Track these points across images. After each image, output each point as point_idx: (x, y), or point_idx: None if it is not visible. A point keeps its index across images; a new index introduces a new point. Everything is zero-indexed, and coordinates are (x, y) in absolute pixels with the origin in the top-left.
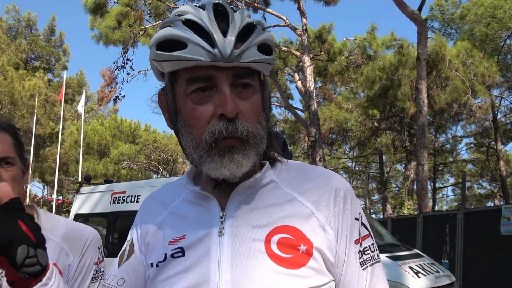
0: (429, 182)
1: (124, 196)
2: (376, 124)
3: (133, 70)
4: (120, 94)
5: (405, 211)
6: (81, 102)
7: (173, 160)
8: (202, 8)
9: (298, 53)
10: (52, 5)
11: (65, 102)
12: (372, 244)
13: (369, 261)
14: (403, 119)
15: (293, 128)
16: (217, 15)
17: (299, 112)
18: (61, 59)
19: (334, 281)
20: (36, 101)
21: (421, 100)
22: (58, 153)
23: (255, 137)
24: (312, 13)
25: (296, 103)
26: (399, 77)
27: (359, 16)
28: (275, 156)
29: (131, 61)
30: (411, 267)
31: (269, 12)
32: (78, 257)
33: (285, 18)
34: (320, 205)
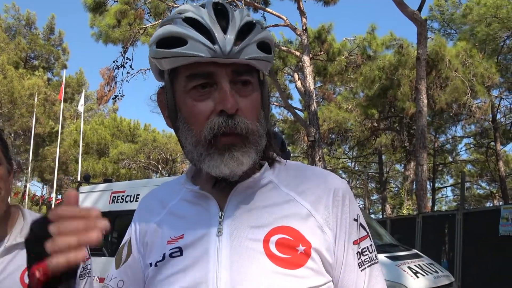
0: (428, 182)
1: (123, 196)
2: (375, 124)
3: (132, 69)
4: (120, 93)
5: (404, 211)
6: (81, 101)
7: (172, 159)
8: (203, 7)
9: (297, 53)
10: (51, 4)
11: (65, 101)
12: (371, 245)
13: (367, 262)
14: (402, 119)
15: (293, 128)
16: (217, 14)
17: (298, 112)
18: (61, 58)
19: (333, 281)
20: (36, 100)
21: (420, 100)
22: (58, 152)
23: (255, 134)
24: (311, 13)
25: (296, 103)
26: (399, 77)
27: (359, 16)
28: (274, 156)
29: (130, 60)
30: (410, 267)
31: (269, 12)
32: None
33: (285, 18)
34: (318, 206)
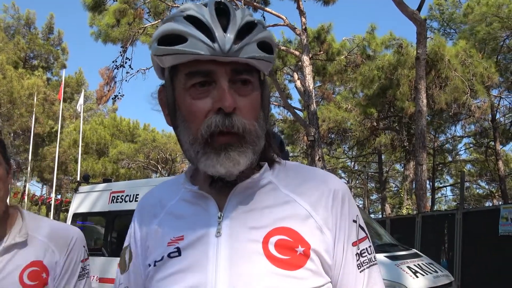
0: (428, 182)
1: (123, 195)
2: (375, 123)
3: (132, 69)
4: (119, 93)
5: (404, 211)
6: (80, 101)
7: (172, 159)
8: (205, 5)
9: (297, 53)
10: (50, 4)
11: (64, 101)
12: (369, 246)
13: (366, 263)
14: (401, 119)
15: (292, 127)
16: (218, 13)
17: (298, 112)
18: (60, 58)
19: (332, 283)
20: (35, 99)
21: (420, 100)
22: (57, 152)
23: (252, 134)
24: (311, 13)
25: (295, 102)
26: (398, 77)
27: (358, 15)
28: (274, 157)
29: (130, 60)
30: (409, 267)
31: (268, 12)
32: (64, 255)
33: (285, 18)
34: (318, 207)
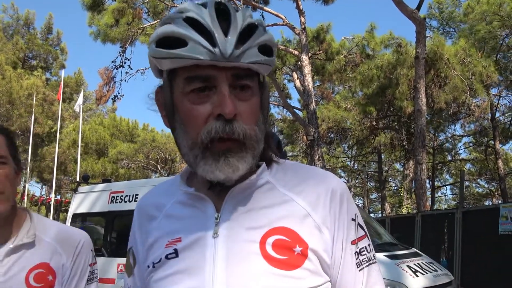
0: (427, 181)
1: (122, 196)
2: (374, 123)
3: (131, 69)
4: (119, 93)
5: (404, 210)
6: (79, 101)
7: (171, 159)
8: (204, 6)
9: (296, 52)
10: (48, 4)
11: (63, 101)
12: (369, 244)
13: (365, 262)
14: (401, 118)
15: (292, 127)
16: (218, 14)
17: (297, 111)
18: (59, 58)
19: (331, 282)
20: (34, 100)
21: (419, 99)
22: (56, 152)
23: (252, 139)
24: (310, 12)
25: (294, 102)
26: (397, 76)
27: (358, 15)
28: (272, 156)
29: (129, 60)
30: (409, 266)
31: (267, 11)
32: (72, 258)
33: (284, 17)
34: (316, 206)
